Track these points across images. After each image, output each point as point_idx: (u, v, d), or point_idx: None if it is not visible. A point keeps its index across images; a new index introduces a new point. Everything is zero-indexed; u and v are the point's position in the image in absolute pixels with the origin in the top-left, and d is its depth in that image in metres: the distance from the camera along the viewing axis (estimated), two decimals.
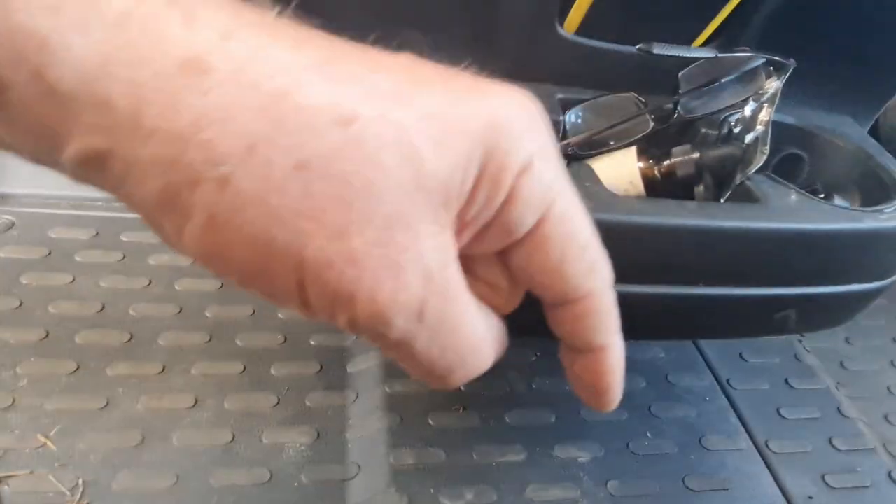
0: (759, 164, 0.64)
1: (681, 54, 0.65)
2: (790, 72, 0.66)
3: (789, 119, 0.79)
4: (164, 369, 0.90)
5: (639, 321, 0.67)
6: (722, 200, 0.68)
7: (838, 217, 0.62)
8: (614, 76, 0.74)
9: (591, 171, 0.62)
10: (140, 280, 1.02)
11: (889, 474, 0.93)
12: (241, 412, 0.87)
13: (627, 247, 0.59)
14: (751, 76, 0.71)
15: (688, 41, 0.73)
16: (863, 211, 0.65)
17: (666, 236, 0.58)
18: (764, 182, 0.66)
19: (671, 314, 0.64)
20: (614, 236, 0.58)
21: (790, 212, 0.62)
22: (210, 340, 0.96)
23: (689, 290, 0.62)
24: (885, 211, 0.65)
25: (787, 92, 0.71)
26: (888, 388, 1.10)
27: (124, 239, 1.09)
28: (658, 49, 0.61)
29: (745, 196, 0.65)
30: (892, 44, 0.77)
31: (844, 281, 0.66)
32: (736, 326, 0.70)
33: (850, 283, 0.66)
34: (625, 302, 0.62)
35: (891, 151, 0.80)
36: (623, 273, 0.61)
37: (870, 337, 1.18)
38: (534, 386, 0.96)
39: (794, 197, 0.63)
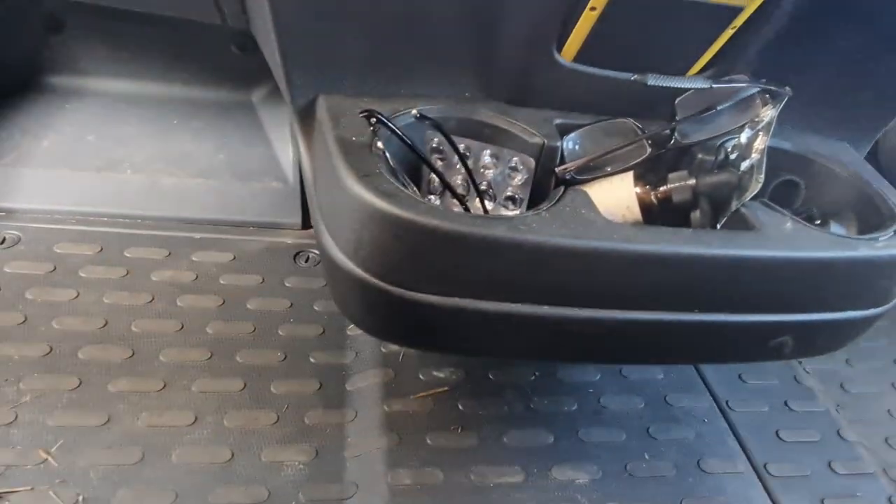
0: (755, 192, 0.64)
1: (675, 85, 0.66)
2: (786, 99, 0.67)
3: (786, 145, 0.79)
4: (164, 386, 0.91)
5: (636, 347, 0.68)
6: (718, 227, 0.69)
7: (833, 245, 0.62)
8: (612, 102, 0.75)
9: (587, 197, 0.63)
10: (143, 296, 1.03)
11: (889, 499, 0.93)
12: (241, 430, 0.88)
13: (623, 273, 0.60)
14: (747, 104, 0.72)
15: (685, 68, 0.74)
16: (858, 239, 0.65)
17: (661, 264, 0.59)
18: (759, 209, 0.66)
19: (667, 340, 0.65)
20: (610, 263, 0.59)
21: (785, 240, 0.62)
22: (211, 357, 0.96)
23: (684, 317, 0.62)
24: (881, 239, 0.66)
25: (784, 118, 0.72)
26: (889, 412, 1.09)
27: (128, 255, 1.10)
28: (653, 80, 0.62)
29: (741, 223, 0.65)
30: (888, 71, 0.77)
31: (840, 308, 0.66)
32: (732, 352, 0.70)
33: (846, 310, 0.66)
34: (621, 328, 0.62)
35: (891, 175, 0.80)
36: (619, 299, 0.62)
37: (870, 359, 1.18)
38: (532, 406, 0.97)
39: (789, 225, 0.64)
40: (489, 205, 0.72)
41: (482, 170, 0.71)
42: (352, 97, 0.70)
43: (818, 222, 0.73)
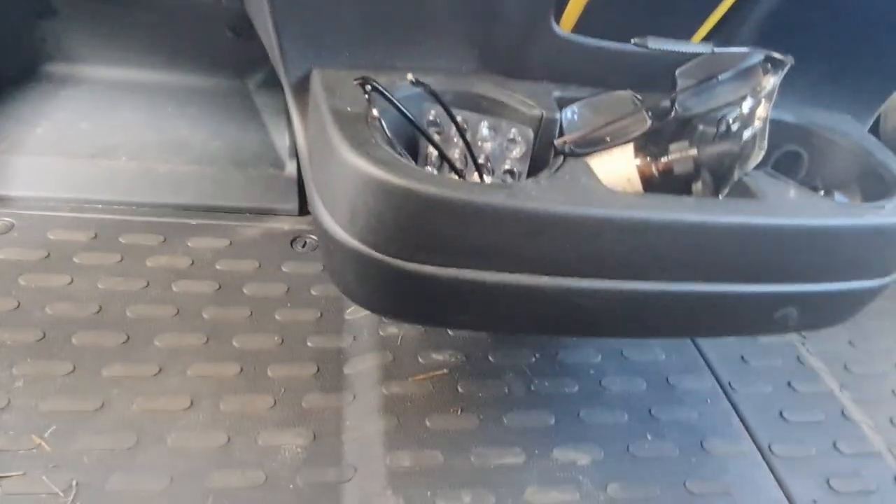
0: (758, 160, 0.63)
1: (677, 49, 0.64)
2: (787, 69, 0.66)
3: (788, 117, 0.78)
4: (160, 371, 0.90)
5: (637, 319, 0.66)
6: (721, 196, 0.67)
7: (838, 212, 0.61)
8: (611, 74, 0.73)
9: (588, 167, 0.61)
10: (138, 282, 1.02)
11: (895, 478, 0.91)
12: (237, 414, 0.86)
13: (624, 242, 0.58)
14: (748, 73, 0.70)
15: (685, 38, 0.73)
16: (862, 206, 0.64)
17: (663, 232, 0.57)
18: (763, 178, 0.65)
19: (670, 312, 0.63)
20: (611, 232, 0.58)
21: (789, 207, 0.61)
22: (207, 342, 0.95)
23: (688, 287, 0.61)
24: (887, 206, 0.64)
25: (786, 90, 0.70)
26: (893, 391, 1.08)
27: (123, 241, 1.09)
28: (653, 43, 0.60)
29: (744, 192, 0.64)
30: (890, 42, 0.76)
31: (846, 278, 0.64)
32: (736, 324, 0.69)
33: (852, 279, 0.65)
34: (622, 298, 0.61)
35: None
36: (620, 269, 0.60)
37: (874, 339, 1.16)
38: (532, 387, 0.95)
39: (793, 193, 0.62)
40: (487, 178, 0.71)
41: (480, 142, 0.70)
42: (347, 70, 0.69)
43: (822, 193, 0.71)
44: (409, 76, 0.61)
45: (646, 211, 0.56)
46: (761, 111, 0.64)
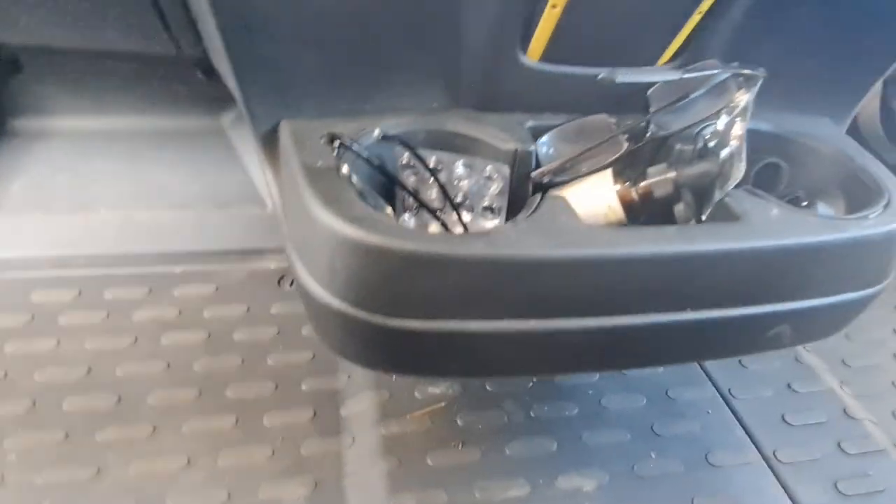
0: (738, 180, 0.62)
1: (645, 78, 0.63)
2: (760, 82, 0.65)
3: (765, 126, 0.77)
4: (154, 430, 0.88)
5: (630, 352, 0.65)
6: (703, 217, 0.67)
7: (822, 229, 0.60)
8: (583, 99, 0.73)
9: (565, 203, 0.60)
10: (126, 338, 1.00)
11: None
12: (236, 469, 0.85)
13: (610, 279, 0.57)
14: (721, 89, 0.70)
15: (656, 56, 0.72)
16: (846, 219, 0.63)
17: (647, 265, 0.56)
18: (744, 197, 0.64)
19: (661, 342, 0.62)
20: (595, 270, 0.57)
21: (772, 227, 0.60)
22: (200, 395, 0.93)
23: (677, 316, 0.60)
24: (870, 217, 0.64)
25: (762, 98, 0.70)
26: (893, 383, 1.07)
27: (108, 297, 1.07)
28: (621, 77, 0.60)
29: (726, 213, 0.63)
30: (861, 40, 0.75)
31: (835, 292, 0.64)
32: (730, 347, 0.68)
33: (842, 293, 0.64)
34: (613, 334, 0.60)
35: (871, 144, 0.78)
36: (608, 305, 0.59)
37: (869, 330, 1.16)
38: (532, 414, 0.94)
39: (775, 211, 0.62)
40: (467, 216, 0.70)
41: (456, 181, 0.69)
42: (315, 119, 0.68)
43: (805, 204, 0.71)
44: (377, 132, 0.60)
45: (627, 247, 0.55)
46: (737, 130, 0.63)
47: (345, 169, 0.57)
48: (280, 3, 0.58)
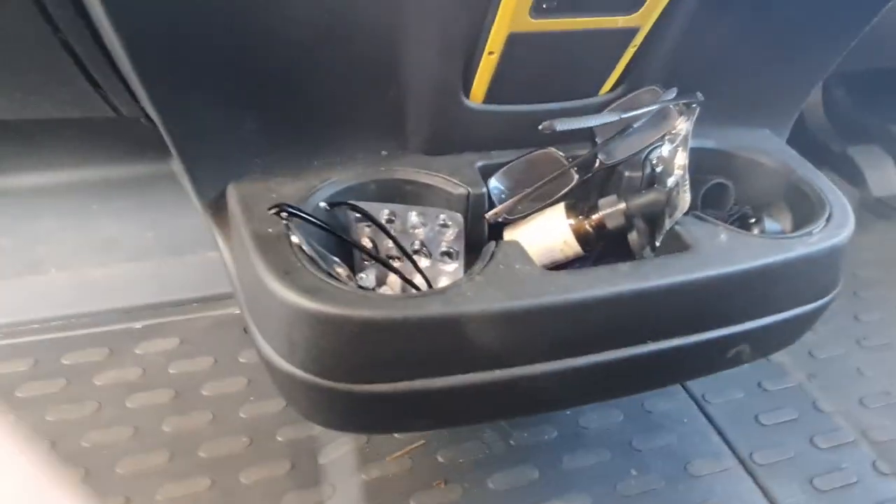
0: (685, 209, 0.64)
1: (586, 125, 0.65)
2: (697, 110, 0.68)
3: (709, 143, 0.80)
4: (126, 501, 0.87)
5: (595, 388, 0.68)
6: (657, 243, 0.69)
7: (769, 251, 0.63)
8: (530, 134, 0.74)
9: (521, 249, 0.62)
10: (89, 405, 0.99)
11: (874, 465, 0.95)
12: None
13: (569, 323, 0.59)
14: (662, 115, 0.72)
15: (595, 89, 0.74)
16: (792, 238, 0.66)
17: (604, 306, 0.58)
18: (693, 224, 0.67)
19: (625, 375, 0.65)
20: (554, 316, 0.59)
21: (721, 254, 0.62)
22: (171, 458, 0.93)
23: (637, 350, 0.62)
24: (814, 233, 0.67)
25: (704, 114, 0.73)
26: (858, 370, 1.12)
27: (66, 362, 1.05)
28: (560, 126, 0.61)
29: (676, 241, 0.66)
30: (795, 51, 0.79)
31: (788, 307, 0.67)
32: (692, 371, 0.71)
33: (794, 307, 0.67)
34: (579, 373, 0.62)
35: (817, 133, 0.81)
36: (571, 347, 0.61)
37: (831, 319, 1.20)
38: (512, 442, 0.96)
39: (723, 237, 0.64)
40: (426, 262, 0.71)
41: (412, 230, 0.70)
42: (262, 180, 0.68)
43: (753, 221, 0.74)
44: (323, 203, 0.61)
45: (583, 290, 0.57)
46: (680, 160, 0.66)
47: (294, 238, 0.58)
48: (210, 67, 0.59)
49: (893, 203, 1.38)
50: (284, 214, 0.57)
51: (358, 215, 0.68)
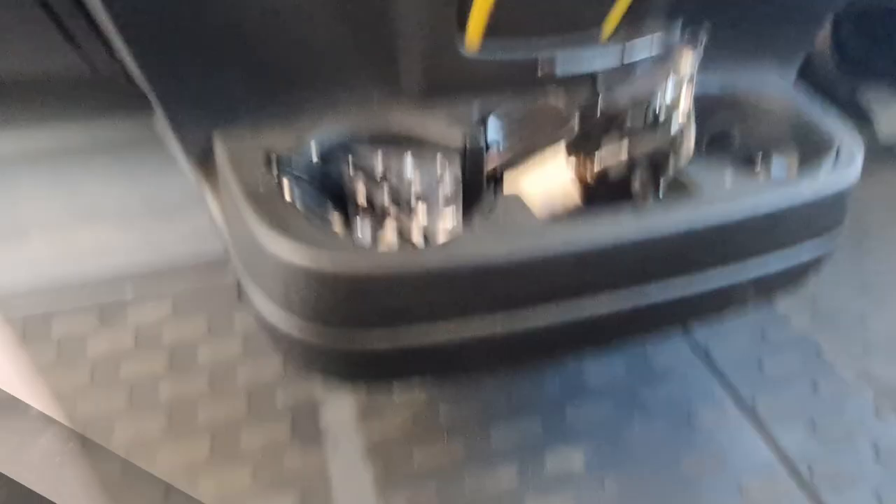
0: (690, 152, 0.63)
1: (587, 70, 0.64)
2: (702, 49, 0.66)
3: (714, 87, 0.79)
4: (123, 469, 0.88)
5: (603, 332, 0.68)
6: (660, 191, 0.68)
7: (776, 193, 0.63)
8: (529, 76, 0.73)
9: (521, 201, 0.61)
10: (80, 375, 0.99)
11: (876, 410, 0.97)
12: (218, 495, 0.85)
13: (574, 272, 0.59)
14: (666, 55, 0.71)
15: (597, 27, 0.72)
16: (800, 180, 0.66)
17: (609, 255, 0.58)
18: (698, 169, 0.66)
19: (630, 318, 0.65)
20: (557, 266, 0.58)
21: (727, 199, 0.62)
22: (169, 424, 0.93)
23: (642, 297, 0.62)
24: (821, 173, 0.66)
25: (709, 56, 0.71)
26: (861, 317, 1.13)
27: (55, 332, 1.05)
28: (562, 69, 0.60)
29: (681, 187, 0.65)
30: None
31: (793, 251, 0.67)
32: (697, 315, 0.71)
33: (798, 250, 0.67)
34: (581, 320, 0.62)
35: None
36: (575, 296, 0.61)
37: (836, 266, 1.21)
38: (513, 396, 0.97)
39: (729, 180, 0.64)
40: (422, 213, 0.70)
41: (408, 180, 0.69)
42: (250, 130, 0.66)
43: (758, 163, 0.73)
44: (315, 158, 0.60)
45: (587, 238, 0.57)
46: (684, 102, 0.65)
47: (287, 192, 0.57)
48: (191, 9, 0.56)
49: None
50: (276, 168, 0.56)
51: (352, 165, 0.67)
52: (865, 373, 1.03)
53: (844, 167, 0.67)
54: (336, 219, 0.61)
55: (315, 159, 0.62)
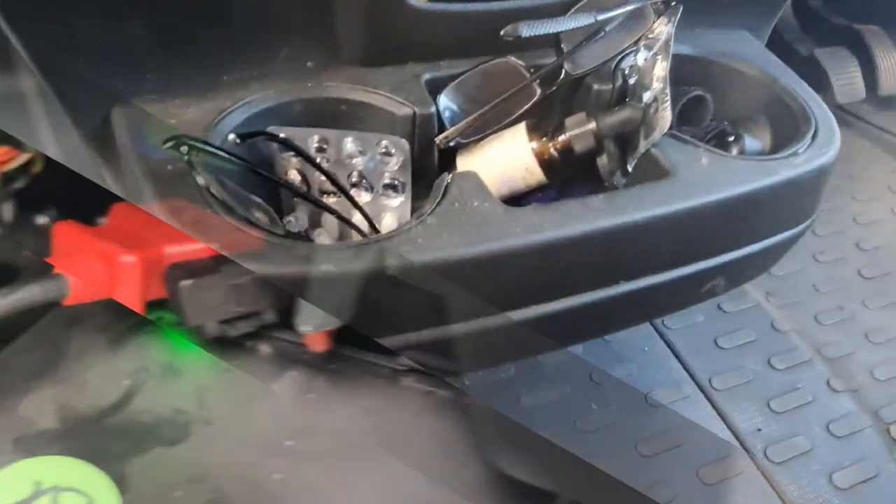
0: (664, 130, 0.58)
1: (555, 29, 0.57)
2: (679, 12, 0.60)
3: (685, 49, 0.73)
4: None
5: (574, 329, 0.63)
6: (629, 168, 0.63)
7: (753, 175, 0.59)
8: (485, 40, 0.65)
9: (478, 181, 0.55)
10: None
11: (828, 383, 0.98)
12: None
13: (538, 266, 0.53)
14: (637, 17, 0.64)
15: None
16: (776, 159, 0.62)
17: (577, 246, 0.53)
18: (671, 146, 0.61)
19: (600, 315, 0.61)
20: (521, 260, 0.53)
21: (702, 182, 0.57)
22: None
23: (612, 291, 0.58)
24: (799, 153, 0.63)
25: (681, 16, 0.65)
26: (814, 286, 1.14)
27: None
28: (527, 31, 0.53)
29: (653, 166, 0.60)
30: None
31: (767, 235, 0.64)
32: (667, 308, 0.68)
33: (773, 235, 0.64)
34: (551, 319, 0.57)
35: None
36: (539, 292, 0.56)
37: None
38: (466, 382, 0.93)
39: (704, 160, 0.59)
40: (367, 196, 0.63)
41: (348, 159, 0.61)
42: (158, 102, 0.57)
43: (731, 138, 0.69)
44: (231, 136, 0.51)
45: (552, 230, 0.51)
46: (659, 70, 0.59)
47: (200, 177, 0.48)
48: None
49: (855, 110, 1.37)
50: (185, 148, 0.47)
51: (281, 145, 0.59)
52: (817, 346, 1.04)
53: (823, 146, 0.63)
54: (262, 209, 0.53)
55: (233, 138, 0.53)
